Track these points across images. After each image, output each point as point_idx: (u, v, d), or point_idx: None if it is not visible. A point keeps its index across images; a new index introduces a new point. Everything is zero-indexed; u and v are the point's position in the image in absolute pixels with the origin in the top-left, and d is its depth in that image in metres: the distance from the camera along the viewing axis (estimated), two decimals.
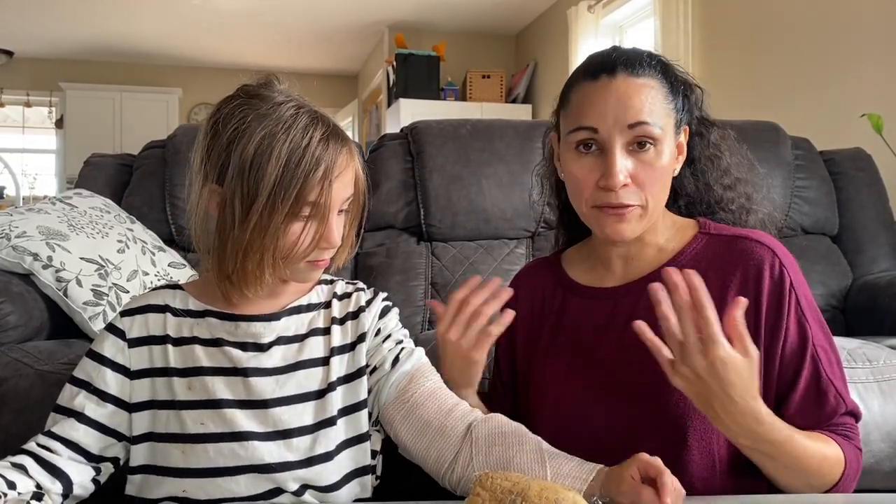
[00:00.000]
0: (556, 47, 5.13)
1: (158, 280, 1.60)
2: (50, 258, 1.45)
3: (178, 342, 0.84)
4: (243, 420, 0.80)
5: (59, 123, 7.13)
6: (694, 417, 0.84)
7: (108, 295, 1.47)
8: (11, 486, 0.72)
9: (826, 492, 0.81)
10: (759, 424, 0.75)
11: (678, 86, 0.92)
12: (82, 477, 0.79)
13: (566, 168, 0.92)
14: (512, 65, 6.07)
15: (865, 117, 2.12)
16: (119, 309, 0.88)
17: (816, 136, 2.13)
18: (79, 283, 1.45)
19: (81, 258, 1.49)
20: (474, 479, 0.68)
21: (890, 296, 1.73)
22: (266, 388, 0.82)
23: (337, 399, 0.84)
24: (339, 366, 0.86)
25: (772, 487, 0.85)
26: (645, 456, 0.70)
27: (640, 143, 0.86)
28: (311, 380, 0.84)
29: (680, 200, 0.99)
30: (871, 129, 2.10)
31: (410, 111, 5.09)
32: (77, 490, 0.79)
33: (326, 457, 0.82)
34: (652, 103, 0.86)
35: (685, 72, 0.97)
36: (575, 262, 1.03)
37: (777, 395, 0.85)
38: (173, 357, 0.83)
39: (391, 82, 5.64)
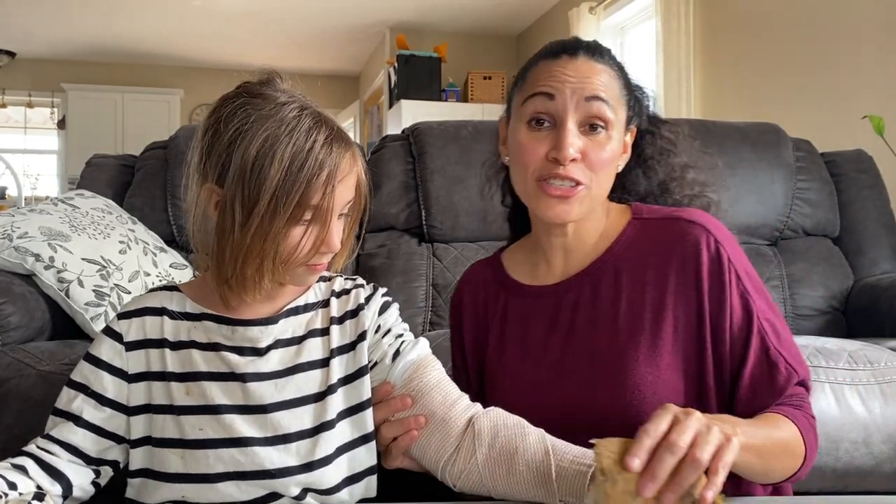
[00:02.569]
0: None
1: (160, 281, 1.60)
2: (52, 259, 1.45)
3: (176, 346, 0.82)
4: (242, 426, 0.79)
5: (61, 124, 7.14)
6: (647, 408, 0.83)
7: (109, 296, 1.48)
8: (12, 486, 0.72)
9: (795, 474, 0.82)
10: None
11: (631, 86, 0.94)
12: (82, 479, 0.79)
13: (515, 141, 0.91)
14: (513, 66, 6.07)
15: (867, 119, 2.12)
16: (117, 311, 0.87)
17: (818, 138, 2.12)
18: (80, 283, 1.45)
19: (83, 259, 1.49)
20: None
21: (891, 298, 1.73)
22: (265, 392, 0.81)
23: (337, 401, 0.83)
24: (340, 366, 0.85)
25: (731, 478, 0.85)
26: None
27: (592, 125, 0.87)
28: (309, 383, 0.83)
29: (632, 199, 1.00)
30: (873, 131, 2.10)
31: (412, 112, 5.10)
32: (77, 492, 0.78)
33: (326, 461, 0.81)
34: (609, 86, 0.88)
35: (637, 78, 0.99)
36: (517, 261, 1.02)
37: (731, 372, 0.86)
38: (171, 361, 0.81)
39: (392, 83, 5.64)
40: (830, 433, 1.25)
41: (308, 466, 0.80)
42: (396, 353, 0.86)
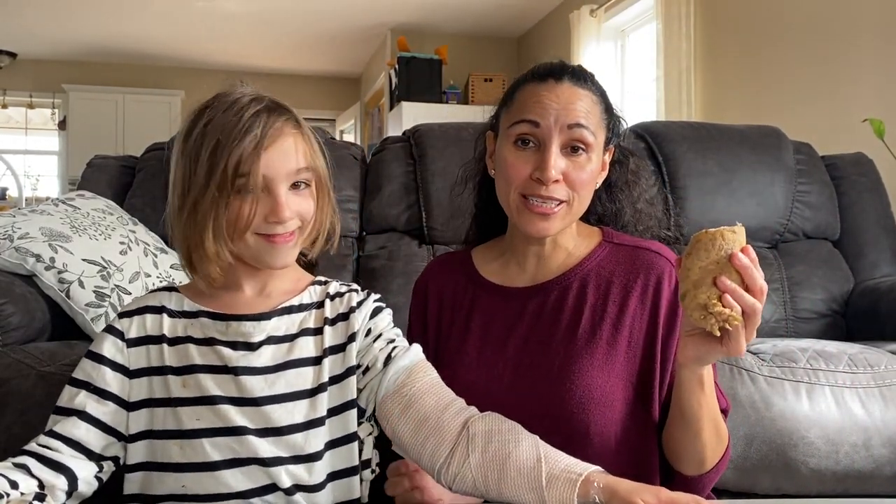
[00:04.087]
0: (558, 51, 5.12)
1: (160, 282, 1.60)
2: (52, 259, 1.45)
3: (174, 342, 0.86)
4: (237, 416, 0.82)
5: (62, 125, 7.15)
6: (594, 412, 0.90)
7: (110, 296, 1.48)
8: (14, 485, 0.72)
9: (715, 466, 0.90)
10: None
11: (611, 110, 1.00)
12: (86, 472, 0.80)
13: (501, 157, 0.97)
14: (514, 68, 6.07)
15: (867, 122, 2.12)
16: (117, 311, 0.90)
17: (818, 141, 2.13)
18: (81, 284, 1.45)
19: (84, 260, 1.49)
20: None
21: (891, 301, 1.73)
22: (255, 386, 0.83)
23: (327, 399, 0.86)
24: (331, 366, 0.87)
25: (665, 476, 0.93)
26: (669, 494, 0.72)
27: (574, 147, 0.93)
28: (301, 379, 0.85)
29: (591, 217, 1.07)
30: (873, 134, 2.10)
31: (412, 114, 5.09)
32: (82, 486, 0.79)
33: (315, 456, 0.83)
34: (590, 112, 0.94)
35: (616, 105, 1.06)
36: (487, 260, 1.08)
37: (670, 385, 0.92)
38: (169, 356, 0.84)
39: (393, 85, 5.64)
40: (830, 436, 1.25)
41: (297, 459, 0.82)
42: (388, 359, 0.87)
